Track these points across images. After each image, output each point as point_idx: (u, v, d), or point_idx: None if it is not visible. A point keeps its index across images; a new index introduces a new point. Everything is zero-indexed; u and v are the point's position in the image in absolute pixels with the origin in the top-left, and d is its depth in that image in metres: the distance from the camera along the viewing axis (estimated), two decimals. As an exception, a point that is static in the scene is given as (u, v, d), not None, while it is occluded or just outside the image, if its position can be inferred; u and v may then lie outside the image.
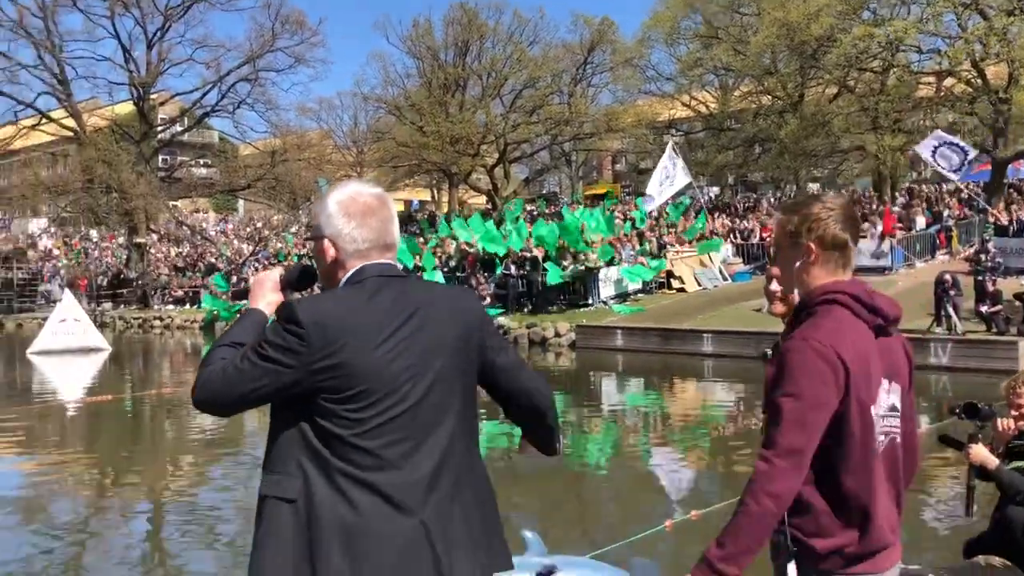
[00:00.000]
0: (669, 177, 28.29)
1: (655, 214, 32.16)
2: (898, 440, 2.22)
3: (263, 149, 43.62)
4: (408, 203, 60.40)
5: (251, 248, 43.45)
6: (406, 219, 49.16)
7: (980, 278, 16.58)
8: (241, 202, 56.91)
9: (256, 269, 38.11)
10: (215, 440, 11.62)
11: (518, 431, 2.37)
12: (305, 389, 1.94)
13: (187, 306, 35.49)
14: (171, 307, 36.00)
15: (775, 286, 2.52)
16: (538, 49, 44.12)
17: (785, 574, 2.15)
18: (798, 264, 2.25)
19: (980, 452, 3.97)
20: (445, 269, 26.90)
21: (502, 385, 2.20)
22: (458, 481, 2.05)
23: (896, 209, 27.66)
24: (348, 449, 1.94)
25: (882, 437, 2.18)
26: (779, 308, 2.55)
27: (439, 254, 28.80)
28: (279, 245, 42.42)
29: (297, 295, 2.14)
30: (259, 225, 49.52)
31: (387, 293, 2.04)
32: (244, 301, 2.24)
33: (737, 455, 9.68)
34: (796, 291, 2.29)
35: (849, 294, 2.19)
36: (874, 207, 29.37)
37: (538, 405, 2.25)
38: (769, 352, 2.87)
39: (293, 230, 43.63)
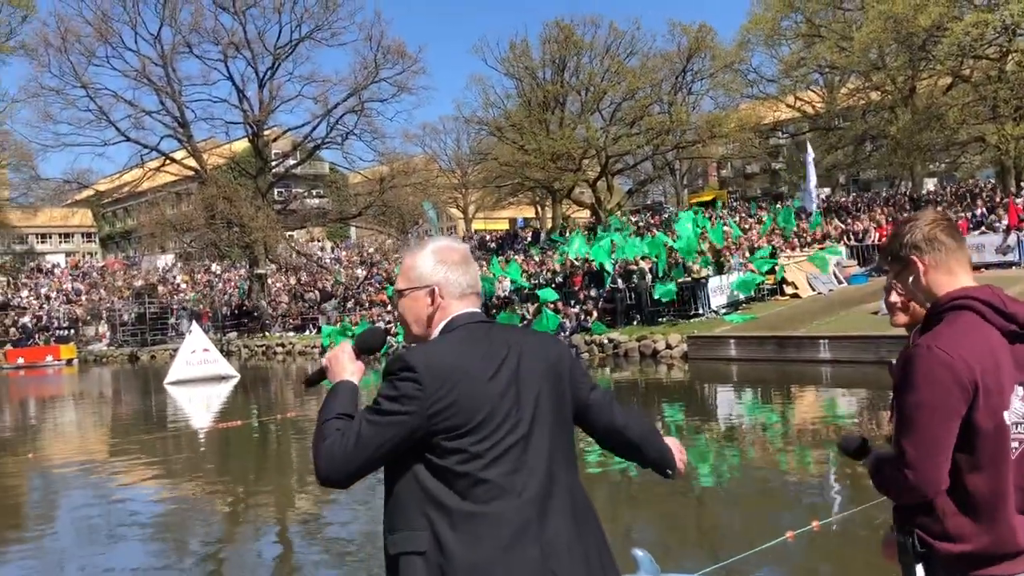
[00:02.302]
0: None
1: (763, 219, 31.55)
2: None
3: (371, 177, 44.93)
4: (513, 221, 60.99)
5: (364, 273, 44.75)
6: (511, 237, 49.66)
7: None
8: (353, 229, 58.64)
9: (369, 293, 39.20)
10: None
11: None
12: (425, 434, 2.03)
13: (306, 332, 36.78)
14: (291, 334, 37.37)
15: (894, 297, 2.59)
16: (636, 60, 44.00)
17: (913, 574, 2.17)
18: (911, 279, 2.28)
19: None
20: (552, 285, 27.04)
21: (595, 423, 2.34)
22: (569, 507, 2.14)
23: (1021, 200, 26.27)
24: (471, 484, 2.03)
25: (1015, 444, 2.16)
26: (901, 319, 2.64)
27: (544, 270, 28.99)
28: (390, 269, 43.51)
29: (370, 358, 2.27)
30: (371, 250, 50.93)
31: (483, 334, 2.19)
32: (324, 380, 2.33)
33: (860, 463, 9.40)
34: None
35: (979, 299, 2.18)
36: (998, 199, 27.99)
37: (631, 439, 2.37)
38: (893, 361, 2.90)
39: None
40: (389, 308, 34.17)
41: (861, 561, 6.13)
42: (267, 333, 38.42)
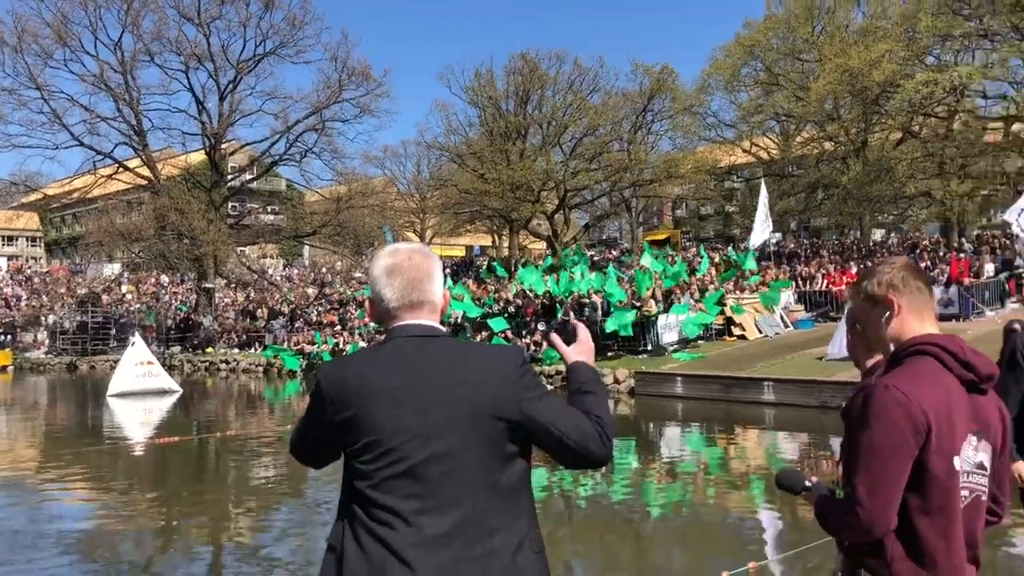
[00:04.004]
0: (767, 217, 28.80)
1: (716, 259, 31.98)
2: (983, 498, 2.23)
3: (328, 196, 44.65)
4: (469, 248, 61.09)
5: (315, 292, 44.35)
6: (467, 264, 49.71)
7: (1053, 327, 16.08)
8: (306, 248, 58.18)
9: (319, 312, 38.82)
10: (277, 484, 11.82)
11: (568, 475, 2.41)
12: (335, 441, 2.13)
13: (251, 350, 36.23)
14: (236, 351, 36.79)
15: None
16: (598, 97, 44.50)
17: None
18: (885, 317, 2.30)
19: None
20: (505, 315, 27.07)
21: (540, 437, 2.12)
22: (474, 546, 2.00)
23: (963, 256, 27.02)
24: (366, 502, 2.03)
25: (966, 493, 2.18)
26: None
27: (499, 299, 29.02)
28: (342, 290, 43.18)
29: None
30: (323, 270, 50.55)
31: (408, 352, 2.10)
32: None
33: (801, 507, 9.51)
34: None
35: (940, 346, 2.21)
36: (941, 254, 28.74)
37: (575, 448, 2.12)
38: (844, 405, 2.94)
39: (357, 275, 44.45)
40: (338, 329, 33.87)
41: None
42: (211, 349, 37.78)
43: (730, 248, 36.62)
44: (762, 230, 29.62)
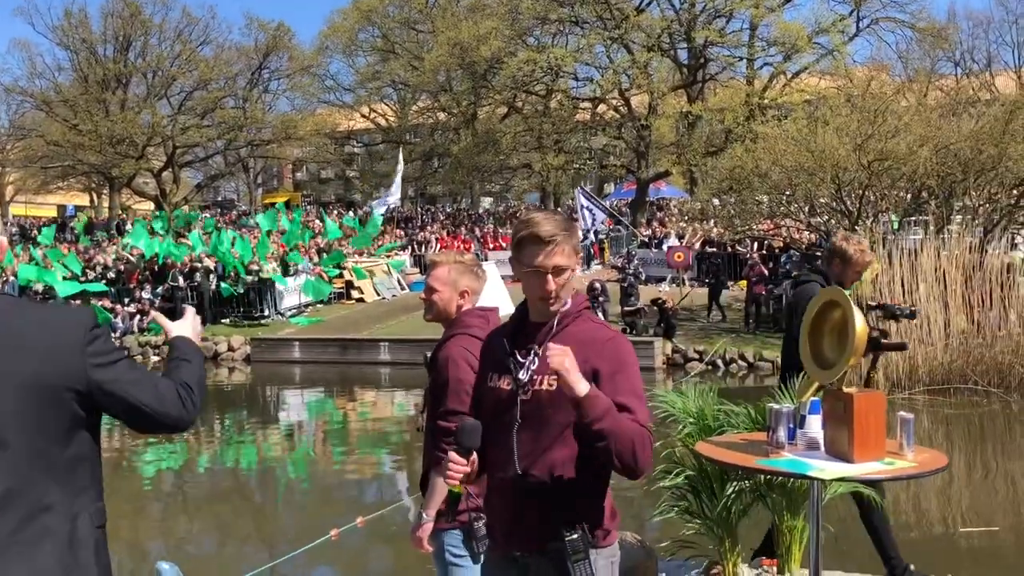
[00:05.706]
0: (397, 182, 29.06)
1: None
2: None
3: None
4: (62, 208, 54.83)
5: None
6: (60, 226, 44.59)
7: (625, 285, 18.50)
8: None
9: None
10: None
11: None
12: None
13: None
14: None
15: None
16: (210, 50, 42.34)
17: (589, 569, 2.16)
18: (568, 276, 2.27)
19: None
20: (103, 280, 24.73)
21: (110, 405, 1.95)
22: (23, 524, 1.84)
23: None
24: None
25: None
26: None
27: (94, 264, 26.45)
28: None
29: None
30: None
31: None
32: None
33: (415, 461, 9.90)
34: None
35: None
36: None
37: (150, 413, 1.97)
38: (428, 355, 3.04)
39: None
40: None
41: (396, 552, 6.45)
42: None
43: (349, 213, 36.89)
44: (386, 198, 30.25)
